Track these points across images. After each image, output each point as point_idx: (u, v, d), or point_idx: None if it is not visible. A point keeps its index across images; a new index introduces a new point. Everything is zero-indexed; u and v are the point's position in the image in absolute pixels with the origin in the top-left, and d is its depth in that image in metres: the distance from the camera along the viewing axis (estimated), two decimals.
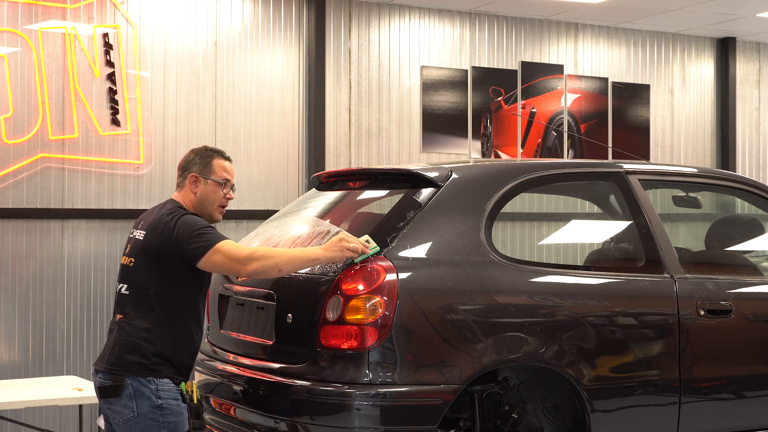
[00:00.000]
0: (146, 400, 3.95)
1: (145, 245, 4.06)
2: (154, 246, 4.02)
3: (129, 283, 4.08)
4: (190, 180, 4.17)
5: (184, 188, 4.20)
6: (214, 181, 4.17)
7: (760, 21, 9.56)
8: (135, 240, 4.13)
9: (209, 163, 4.18)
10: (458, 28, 9.04)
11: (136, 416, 3.95)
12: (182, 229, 3.98)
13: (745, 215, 6.02)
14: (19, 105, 7.32)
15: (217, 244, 3.94)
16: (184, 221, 4.00)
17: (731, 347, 4.74)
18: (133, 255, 4.10)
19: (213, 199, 4.18)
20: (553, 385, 4.47)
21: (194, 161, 4.19)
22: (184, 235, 3.96)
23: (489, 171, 4.78)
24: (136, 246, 4.10)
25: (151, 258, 4.03)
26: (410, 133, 8.82)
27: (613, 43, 9.79)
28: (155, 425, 3.96)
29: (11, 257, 7.33)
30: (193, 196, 4.17)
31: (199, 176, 4.16)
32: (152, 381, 3.97)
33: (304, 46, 8.38)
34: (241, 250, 3.97)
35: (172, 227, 3.98)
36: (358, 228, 4.59)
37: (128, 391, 3.96)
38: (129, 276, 4.09)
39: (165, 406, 3.97)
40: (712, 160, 10.31)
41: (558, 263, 4.74)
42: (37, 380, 6.70)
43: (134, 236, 4.16)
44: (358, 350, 4.03)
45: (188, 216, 4.05)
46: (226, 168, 4.21)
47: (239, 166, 8.12)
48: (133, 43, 7.68)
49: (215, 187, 4.17)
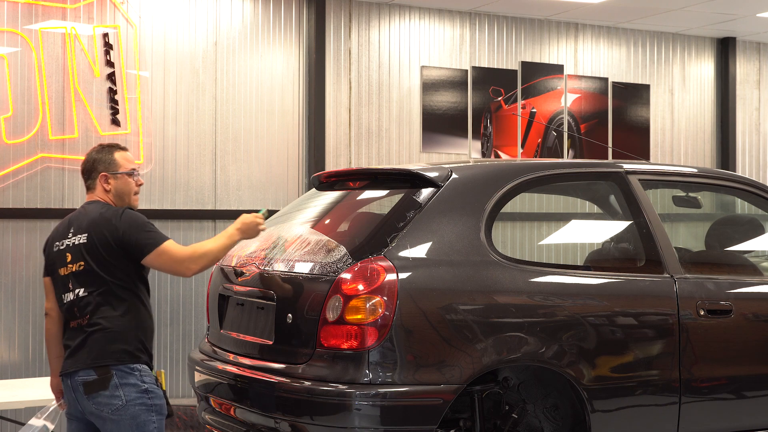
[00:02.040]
0: (132, 386, 4.08)
1: (90, 245, 4.16)
2: (102, 243, 4.14)
3: (85, 285, 4.17)
4: (100, 180, 4.33)
5: (96, 189, 4.35)
6: (123, 174, 4.35)
7: (760, 21, 9.56)
8: (75, 246, 4.21)
9: (112, 159, 4.35)
10: (458, 28, 9.04)
11: (126, 404, 4.06)
12: (129, 223, 4.15)
13: (745, 215, 6.02)
14: (19, 105, 7.32)
15: (162, 244, 4.15)
16: (130, 216, 4.19)
17: (731, 347, 4.74)
18: (80, 259, 4.18)
19: (127, 190, 4.36)
20: (553, 385, 4.47)
21: (98, 161, 4.35)
22: (132, 230, 4.14)
23: (489, 171, 4.78)
24: (80, 250, 4.19)
25: (102, 256, 4.14)
26: (410, 133, 8.82)
27: (613, 43, 9.79)
28: (144, 409, 4.09)
29: (11, 257, 7.33)
30: (108, 193, 4.34)
31: (108, 173, 4.33)
32: (135, 368, 4.11)
33: (304, 46, 8.38)
34: (183, 251, 4.18)
35: (118, 221, 4.15)
36: (358, 228, 4.60)
37: (114, 382, 4.07)
38: (83, 279, 4.17)
39: (150, 389, 4.12)
40: (712, 160, 10.31)
41: (558, 263, 4.73)
42: (37, 380, 6.70)
43: (69, 244, 4.23)
44: (358, 350, 4.03)
45: (131, 211, 4.24)
46: (128, 158, 4.41)
47: (239, 166, 8.12)
48: (133, 43, 7.68)
49: (126, 178, 4.36)
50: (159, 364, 7.75)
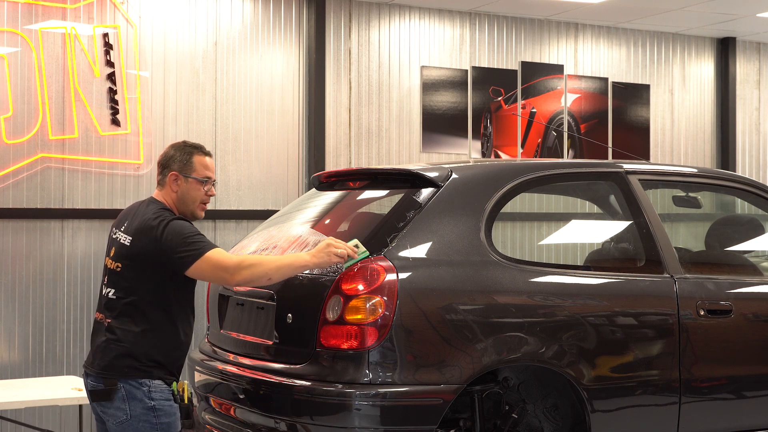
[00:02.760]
0: (139, 402, 3.92)
1: (131, 252, 3.95)
2: (141, 252, 3.93)
3: (116, 288, 3.99)
4: (170, 178, 4.07)
5: (165, 186, 4.09)
6: (194, 179, 4.07)
7: (760, 21, 9.55)
8: (119, 244, 4.02)
9: (189, 160, 4.08)
10: (458, 28, 9.04)
11: (130, 418, 3.92)
12: (171, 236, 3.88)
13: (745, 215, 6.02)
14: (19, 105, 7.32)
15: (206, 253, 3.87)
16: (173, 228, 3.90)
17: (731, 347, 4.74)
18: (119, 260, 4.00)
19: (194, 197, 4.09)
20: (553, 385, 4.47)
21: (174, 158, 4.10)
22: (173, 243, 3.87)
23: (489, 171, 4.78)
24: (122, 251, 4.00)
25: (138, 264, 3.94)
26: (410, 133, 8.82)
27: (613, 43, 9.79)
28: (149, 427, 3.93)
29: (11, 257, 7.33)
30: (174, 194, 4.08)
31: (180, 174, 4.06)
32: (144, 383, 3.93)
33: (304, 46, 8.38)
34: (230, 259, 3.90)
35: (160, 233, 3.89)
36: (358, 228, 4.60)
37: (120, 394, 3.92)
38: (116, 281, 4.00)
39: (158, 407, 3.93)
40: (712, 160, 10.31)
41: (558, 263, 4.73)
42: (37, 380, 6.70)
43: (118, 239, 4.04)
44: (358, 350, 4.03)
45: (176, 222, 3.95)
46: (206, 165, 4.11)
47: (239, 166, 8.12)
48: (133, 43, 7.68)
49: (196, 185, 4.08)
50: None
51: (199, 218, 4.14)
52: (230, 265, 3.88)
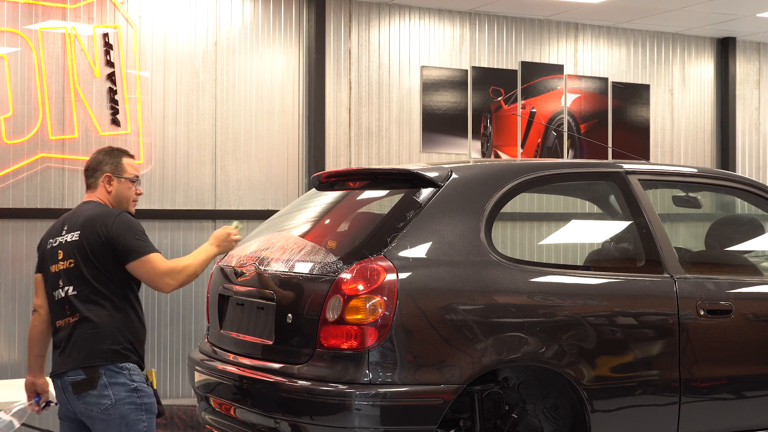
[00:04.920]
0: (121, 386, 4.08)
1: (81, 243, 4.16)
2: (92, 241, 4.14)
3: (74, 284, 4.16)
4: (104, 180, 4.34)
5: (97, 188, 4.36)
6: (127, 179, 4.38)
7: (760, 21, 9.56)
8: (66, 243, 4.22)
9: (120, 162, 4.39)
10: (458, 28, 9.04)
11: (115, 403, 4.06)
12: (121, 227, 4.15)
13: (745, 215, 6.02)
14: (19, 105, 7.32)
15: (150, 254, 4.15)
16: (124, 220, 4.19)
17: (731, 347, 4.74)
18: (70, 257, 4.19)
19: (128, 195, 4.38)
20: (553, 385, 4.47)
21: (105, 161, 4.37)
22: (121, 234, 4.13)
23: (489, 171, 4.77)
24: (71, 247, 4.19)
25: (91, 254, 4.14)
26: (410, 133, 8.82)
27: (613, 43, 9.80)
28: (134, 408, 4.09)
29: (11, 257, 7.33)
30: (108, 194, 4.35)
31: (113, 175, 4.35)
32: (124, 367, 4.10)
33: (304, 46, 8.38)
34: (165, 265, 4.18)
35: (111, 222, 4.15)
36: (358, 228, 4.59)
37: (103, 381, 4.07)
38: (72, 277, 4.17)
39: (139, 388, 4.12)
40: (712, 160, 10.31)
41: (558, 263, 4.73)
42: None
43: (62, 242, 4.24)
44: (358, 350, 4.03)
45: (127, 216, 4.23)
46: (134, 165, 4.44)
47: (239, 166, 8.13)
48: (133, 43, 7.68)
49: (128, 184, 4.38)
50: (158, 364, 7.75)
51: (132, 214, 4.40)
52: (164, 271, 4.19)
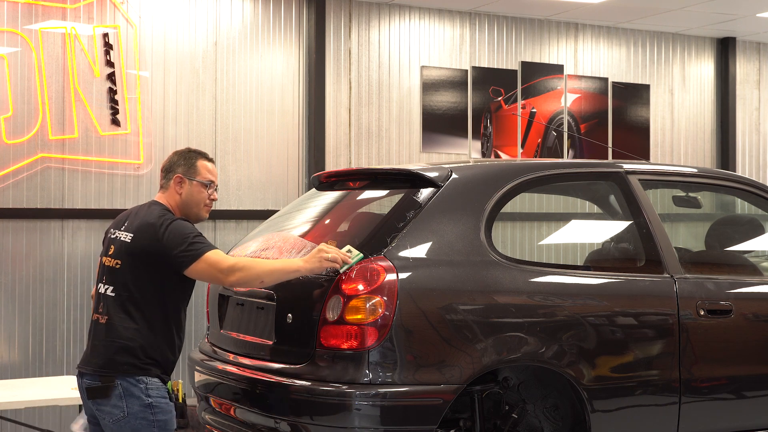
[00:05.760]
0: (136, 399, 3.97)
1: (132, 248, 4.05)
2: (143, 249, 4.02)
3: (115, 285, 4.07)
4: (175, 181, 4.21)
5: (168, 189, 4.23)
6: (199, 182, 4.22)
7: (760, 21, 9.56)
8: (120, 242, 4.12)
9: (194, 164, 4.24)
10: (458, 28, 9.04)
11: (127, 416, 3.97)
12: (173, 235, 4.00)
13: (745, 215, 6.02)
14: (19, 105, 7.32)
15: (206, 253, 3.99)
16: (175, 227, 4.02)
17: (731, 347, 4.74)
18: (119, 257, 4.09)
19: (198, 199, 4.23)
20: (553, 385, 4.47)
21: (178, 163, 4.24)
22: (175, 242, 3.99)
23: (489, 171, 4.78)
24: (122, 248, 4.09)
25: (139, 261, 4.03)
26: (410, 133, 8.82)
27: (613, 43, 9.79)
28: (146, 424, 3.98)
29: (11, 257, 7.33)
30: (178, 197, 4.21)
31: (184, 177, 4.20)
32: (142, 380, 3.99)
33: (304, 46, 8.38)
34: (227, 261, 4.02)
35: (162, 232, 4.00)
36: (358, 228, 4.59)
37: (118, 391, 3.97)
38: (114, 278, 4.08)
39: (155, 404, 4.00)
40: (712, 160, 10.31)
41: (558, 263, 4.73)
42: (37, 380, 6.70)
43: (118, 237, 4.14)
44: (358, 350, 4.03)
45: (179, 222, 4.07)
46: (209, 169, 4.27)
47: (239, 166, 8.13)
48: (133, 43, 7.68)
49: (200, 188, 4.22)
50: None
51: (203, 219, 4.28)
52: (225, 266, 4.00)
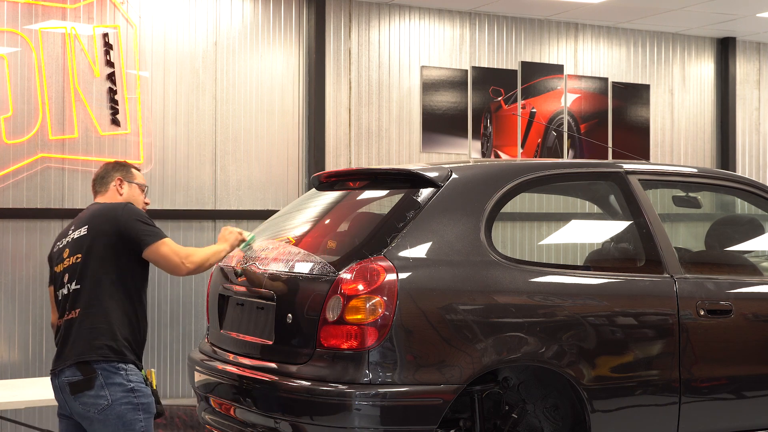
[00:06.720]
0: (118, 386, 4.09)
1: (91, 237, 4.21)
2: (103, 232, 4.19)
3: (79, 279, 4.19)
4: (116, 182, 4.48)
5: (108, 191, 4.48)
6: (137, 185, 4.55)
7: (760, 21, 9.56)
8: (74, 240, 4.26)
9: (130, 170, 4.56)
10: (458, 28, 9.04)
11: (111, 403, 4.07)
12: (132, 216, 4.22)
13: (745, 215, 6.02)
14: (19, 105, 7.32)
15: (166, 238, 4.25)
16: (133, 209, 4.28)
17: (731, 347, 4.74)
18: (78, 251, 4.22)
19: (138, 200, 4.52)
20: (553, 385, 4.47)
21: (115, 169, 4.53)
22: (134, 221, 4.21)
23: (489, 171, 4.78)
24: (79, 243, 4.24)
25: (100, 246, 4.18)
26: (410, 133, 8.82)
27: (613, 43, 9.80)
28: (131, 408, 4.10)
29: (11, 257, 7.33)
30: (120, 197, 4.47)
31: (124, 180, 4.50)
32: (121, 367, 4.11)
33: (304, 46, 8.38)
34: (183, 248, 4.31)
35: (121, 212, 4.23)
36: (358, 228, 4.60)
37: (99, 381, 4.09)
38: (77, 272, 4.20)
39: (136, 388, 4.13)
40: (712, 160, 10.31)
41: (558, 263, 4.73)
42: (37, 380, 6.70)
43: (70, 239, 4.29)
44: (358, 350, 4.03)
45: (133, 206, 4.33)
46: (142, 177, 4.62)
47: (239, 166, 8.13)
48: (133, 43, 7.68)
49: (138, 190, 4.55)
50: (158, 364, 7.75)
51: None
52: (184, 253, 4.28)
